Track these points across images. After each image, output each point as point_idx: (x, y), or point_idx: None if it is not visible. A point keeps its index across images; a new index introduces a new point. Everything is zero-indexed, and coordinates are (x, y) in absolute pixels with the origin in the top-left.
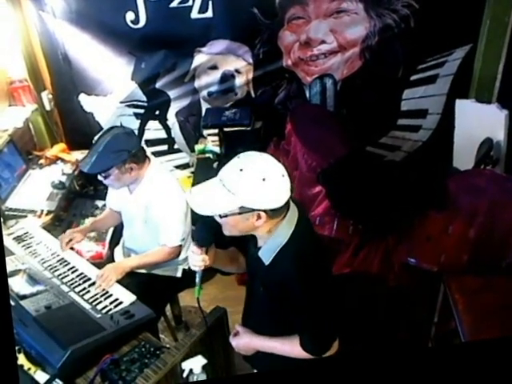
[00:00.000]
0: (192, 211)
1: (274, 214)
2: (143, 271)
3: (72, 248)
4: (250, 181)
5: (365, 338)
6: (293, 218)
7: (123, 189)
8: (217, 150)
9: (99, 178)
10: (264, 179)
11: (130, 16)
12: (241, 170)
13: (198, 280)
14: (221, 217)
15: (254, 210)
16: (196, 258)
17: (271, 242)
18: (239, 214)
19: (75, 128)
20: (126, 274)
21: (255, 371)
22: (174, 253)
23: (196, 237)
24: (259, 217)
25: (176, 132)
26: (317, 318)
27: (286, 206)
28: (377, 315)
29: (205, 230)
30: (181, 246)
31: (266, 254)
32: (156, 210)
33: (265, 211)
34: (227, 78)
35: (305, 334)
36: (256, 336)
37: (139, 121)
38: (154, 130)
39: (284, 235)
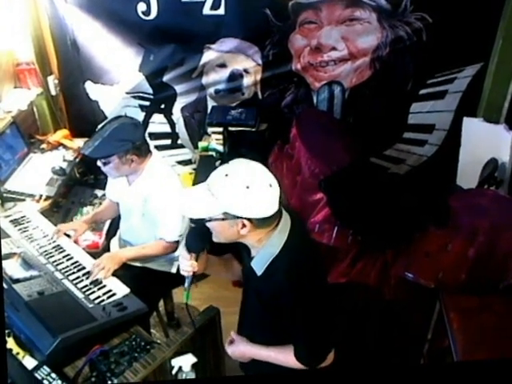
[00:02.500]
0: None
1: (261, 224)
2: (138, 264)
3: (68, 235)
4: (233, 186)
5: (356, 350)
6: (285, 228)
7: (122, 180)
8: (220, 148)
9: (98, 163)
10: (248, 187)
11: (141, 7)
12: (226, 175)
13: (186, 285)
14: (206, 221)
15: (237, 218)
16: (185, 263)
17: (263, 253)
18: (223, 219)
19: (79, 115)
20: (121, 265)
21: None
22: (171, 248)
23: (186, 242)
24: (244, 225)
25: (180, 127)
26: (311, 329)
27: (277, 216)
28: (370, 327)
29: (195, 236)
30: (178, 241)
31: (258, 265)
32: (154, 203)
33: (249, 220)
34: (235, 77)
35: (299, 344)
36: (251, 344)
37: (144, 113)
38: (158, 123)
39: (276, 245)
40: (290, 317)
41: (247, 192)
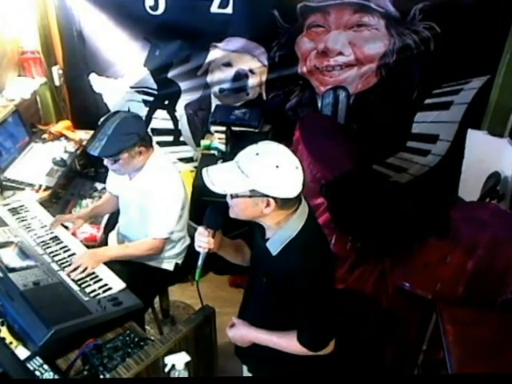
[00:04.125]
0: (193, 205)
1: (284, 204)
2: (136, 261)
3: (66, 227)
4: (263, 165)
5: (350, 358)
6: (303, 214)
7: None
8: (222, 147)
9: (105, 162)
10: (278, 166)
11: (149, 1)
12: (257, 154)
13: (200, 262)
14: (232, 197)
15: (264, 196)
16: (202, 239)
17: (280, 234)
18: (250, 196)
19: (82, 107)
20: (112, 261)
21: (244, 368)
22: (156, 247)
23: (205, 218)
24: (268, 204)
25: (183, 124)
26: (318, 312)
27: (297, 200)
28: (366, 335)
29: (215, 213)
30: (165, 240)
31: (274, 245)
32: (152, 198)
33: (275, 199)
34: (240, 76)
35: (304, 327)
36: (253, 328)
37: (147, 108)
38: (161, 119)
39: (294, 229)
40: (299, 297)
41: (277, 171)
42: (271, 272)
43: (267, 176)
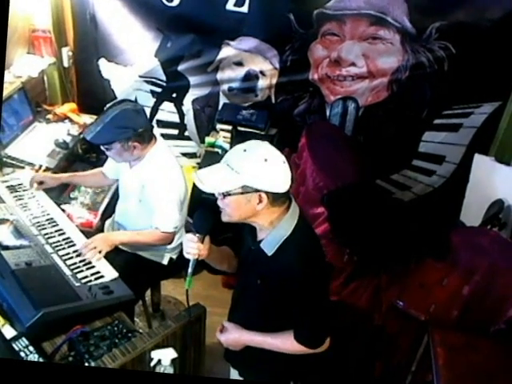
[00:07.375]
0: (192, 203)
1: (275, 200)
2: (130, 250)
3: (63, 210)
4: (252, 159)
5: (337, 373)
6: (295, 214)
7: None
8: (226, 146)
9: (102, 147)
10: (266, 160)
11: None
12: (244, 150)
13: (190, 270)
14: (224, 196)
15: (256, 191)
16: (191, 246)
17: (274, 234)
18: (242, 193)
19: (89, 91)
20: (113, 248)
21: (233, 372)
22: (166, 238)
23: (194, 223)
24: (261, 200)
25: (189, 119)
26: (316, 309)
27: (288, 197)
28: (354, 350)
29: (203, 217)
30: (174, 233)
31: (269, 245)
32: (151, 190)
33: (266, 194)
34: (251, 77)
35: (302, 325)
36: (245, 331)
37: (154, 99)
38: (167, 111)
39: (287, 228)
40: (296, 295)
41: (265, 164)
42: (267, 272)
43: (257, 170)
